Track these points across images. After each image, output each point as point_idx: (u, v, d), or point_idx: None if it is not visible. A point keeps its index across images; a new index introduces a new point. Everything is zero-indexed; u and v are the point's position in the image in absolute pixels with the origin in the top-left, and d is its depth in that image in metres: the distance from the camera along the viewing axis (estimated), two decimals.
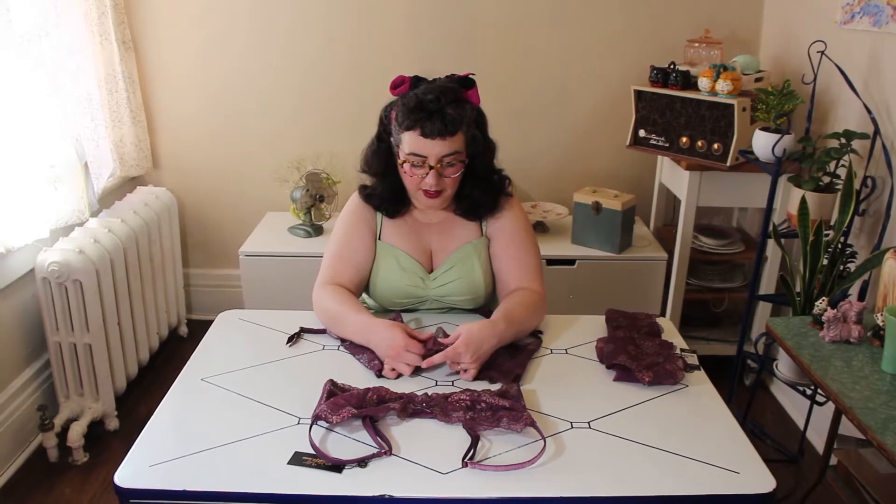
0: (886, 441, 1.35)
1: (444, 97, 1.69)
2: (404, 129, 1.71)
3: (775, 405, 2.96)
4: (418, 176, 1.74)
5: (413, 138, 1.70)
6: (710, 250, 2.99)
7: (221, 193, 3.43)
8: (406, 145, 1.72)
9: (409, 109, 1.70)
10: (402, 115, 1.71)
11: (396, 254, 1.86)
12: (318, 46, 3.20)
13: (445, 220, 1.90)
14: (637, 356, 1.60)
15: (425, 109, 1.68)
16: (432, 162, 1.71)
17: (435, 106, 1.68)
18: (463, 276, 1.85)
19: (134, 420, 2.73)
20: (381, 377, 1.58)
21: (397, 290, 1.85)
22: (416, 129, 1.69)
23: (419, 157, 1.71)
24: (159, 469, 1.28)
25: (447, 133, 1.68)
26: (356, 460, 1.29)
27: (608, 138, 3.28)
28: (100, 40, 2.85)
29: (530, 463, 1.28)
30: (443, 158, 1.71)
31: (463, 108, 1.72)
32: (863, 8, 2.35)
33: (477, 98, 1.79)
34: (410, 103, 1.70)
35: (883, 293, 1.75)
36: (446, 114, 1.68)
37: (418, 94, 1.71)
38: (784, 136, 2.34)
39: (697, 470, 1.29)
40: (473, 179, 1.83)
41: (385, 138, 1.82)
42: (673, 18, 3.14)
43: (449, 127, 1.68)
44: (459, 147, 1.73)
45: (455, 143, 1.71)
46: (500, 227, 1.89)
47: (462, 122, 1.71)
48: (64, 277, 2.43)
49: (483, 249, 1.88)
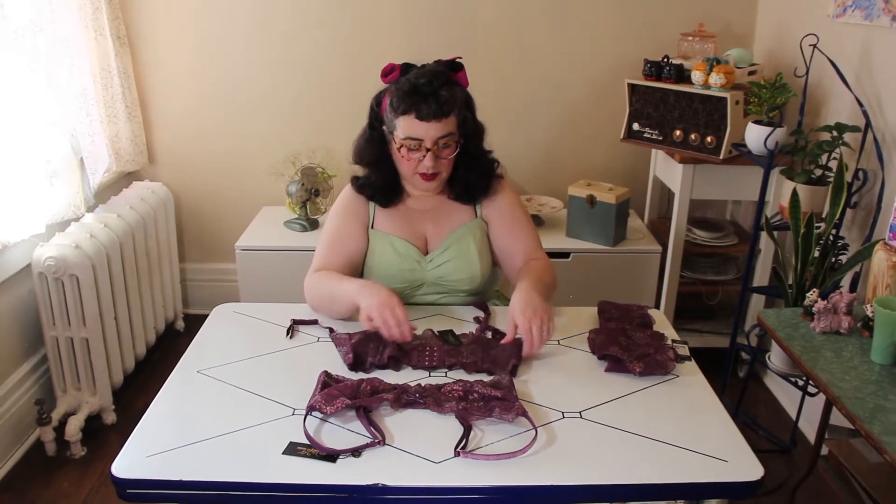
0: (874, 430, 1.37)
1: (436, 80, 1.73)
2: (400, 113, 1.74)
3: (768, 396, 2.98)
4: (415, 160, 1.77)
5: (409, 122, 1.73)
6: (703, 243, 3.00)
7: (217, 188, 3.44)
8: (401, 130, 1.75)
9: (403, 93, 1.73)
10: (398, 99, 1.74)
11: (391, 239, 1.88)
12: (314, 41, 3.20)
13: (439, 205, 1.92)
14: (628, 347, 1.61)
15: (420, 93, 1.71)
16: (428, 144, 1.75)
17: (429, 89, 1.71)
18: (459, 257, 1.88)
19: (131, 414, 2.74)
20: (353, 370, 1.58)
21: (394, 274, 1.87)
22: (411, 113, 1.72)
23: (415, 141, 1.75)
24: (156, 459, 1.29)
25: (442, 115, 1.72)
26: (350, 450, 1.30)
27: (602, 132, 3.29)
28: (94, 35, 2.85)
29: (522, 452, 1.30)
30: (438, 140, 1.75)
31: (454, 90, 1.76)
32: (855, 1, 2.36)
33: (465, 80, 1.83)
34: (404, 88, 1.73)
35: (873, 285, 1.76)
36: (440, 96, 1.72)
37: (411, 78, 1.74)
38: (776, 129, 2.35)
39: (686, 458, 1.31)
40: (466, 162, 1.86)
41: (377, 126, 1.85)
42: (667, 12, 3.15)
43: (444, 108, 1.72)
44: (453, 128, 1.77)
45: (449, 124, 1.75)
46: (497, 209, 1.93)
47: (455, 104, 1.75)
48: (60, 272, 2.44)
49: (478, 231, 1.91)
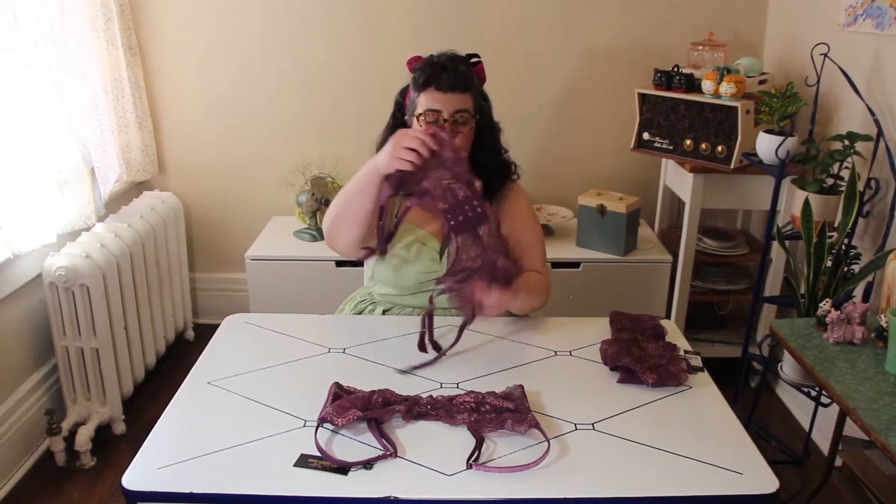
0: (890, 442, 1.36)
1: (456, 58, 1.87)
2: (421, 86, 1.83)
3: (780, 407, 2.96)
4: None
5: (429, 95, 1.82)
6: (714, 252, 2.99)
7: (227, 197, 3.45)
8: (422, 105, 1.83)
9: (424, 67, 1.84)
10: (419, 73, 1.84)
11: (417, 234, 1.92)
12: (323, 51, 3.21)
13: None
14: (641, 358, 1.60)
15: (440, 66, 1.83)
16: (446, 115, 1.81)
17: (450, 63, 1.84)
18: None
19: (141, 424, 2.74)
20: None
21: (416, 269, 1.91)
22: (431, 85, 1.81)
23: (434, 112, 1.81)
24: (166, 472, 1.29)
25: (459, 87, 1.81)
26: (362, 462, 1.29)
27: (612, 141, 3.29)
28: (106, 45, 2.87)
29: (534, 464, 1.29)
30: (455, 114, 1.81)
31: (472, 73, 1.88)
32: (866, 10, 2.35)
33: (483, 74, 1.94)
34: (426, 63, 1.86)
35: (886, 294, 1.75)
36: (459, 69, 1.83)
37: (433, 57, 1.87)
38: (787, 138, 2.34)
39: (701, 471, 1.30)
40: (482, 154, 1.90)
41: (399, 117, 1.94)
42: (676, 21, 3.15)
43: (462, 80, 1.82)
44: (470, 106, 1.84)
45: (466, 100, 1.83)
46: (508, 213, 1.95)
47: (473, 82, 1.85)
48: (71, 282, 2.44)
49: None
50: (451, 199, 1.56)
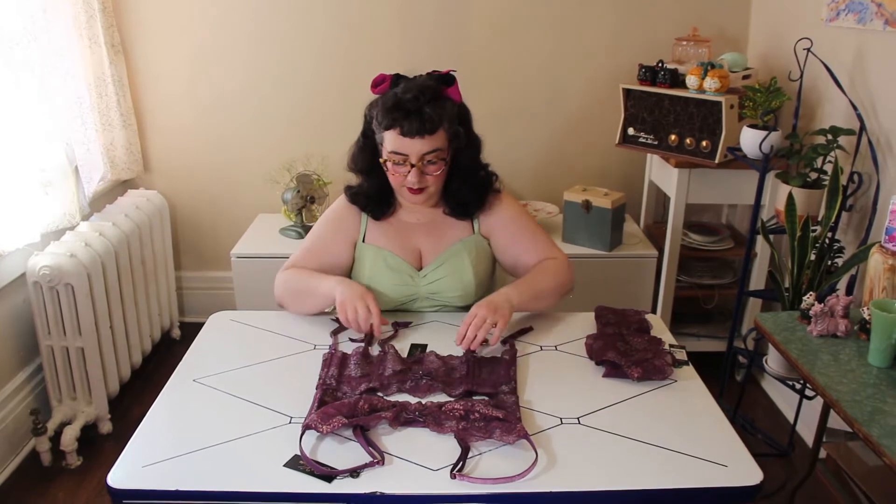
0: (873, 433, 1.37)
1: (422, 96, 1.70)
2: (384, 128, 1.73)
3: (765, 400, 2.98)
4: (401, 174, 1.76)
5: (393, 137, 1.72)
6: (699, 247, 3.00)
7: (213, 196, 3.43)
8: (387, 144, 1.74)
9: (387, 109, 1.71)
10: (381, 114, 1.72)
11: (383, 254, 1.86)
12: (309, 48, 3.20)
13: (434, 219, 1.90)
14: (626, 352, 1.61)
15: (403, 108, 1.69)
16: (413, 160, 1.72)
17: (413, 105, 1.69)
18: (453, 273, 1.86)
19: (127, 423, 2.73)
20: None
21: (387, 288, 1.85)
22: (395, 129, 1.70)
23: (400, 156, 1.73)
24: (152, 470, 1.28)
25: (426, 132, 1.69)
26: (348, 471, 1.27)
27: (597, 137, 3.30)
28: (88, 44, 2.85)
29: (520, 477, 1.26)
30: (424, 156, 1.73)
31: (443, 105, 1.73)
32: (848, 5, 2.37)
33: (458, 95, 1.80)
34: (389, 103, 1.71)
35: (869, 287, 1.76)
36: (424, 113, 1.69)
37: (397, 92, 1.72)
38: (771, 132, 2.36)
39: (686, 464, 1.30)
40: (460, 176, 1.84)
41: (370, 135, 1.83)
42: (661, 17, 3.16)
43: (427, 125, 1.69)
44: (440, 144, 1.74)
45: (435, 140, 1.72)
46: (498, 223, 1.91)
47: (442, 120, 1.72)
48: (55, 281, 2.43)
49: (474, 247, 1.89)
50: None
